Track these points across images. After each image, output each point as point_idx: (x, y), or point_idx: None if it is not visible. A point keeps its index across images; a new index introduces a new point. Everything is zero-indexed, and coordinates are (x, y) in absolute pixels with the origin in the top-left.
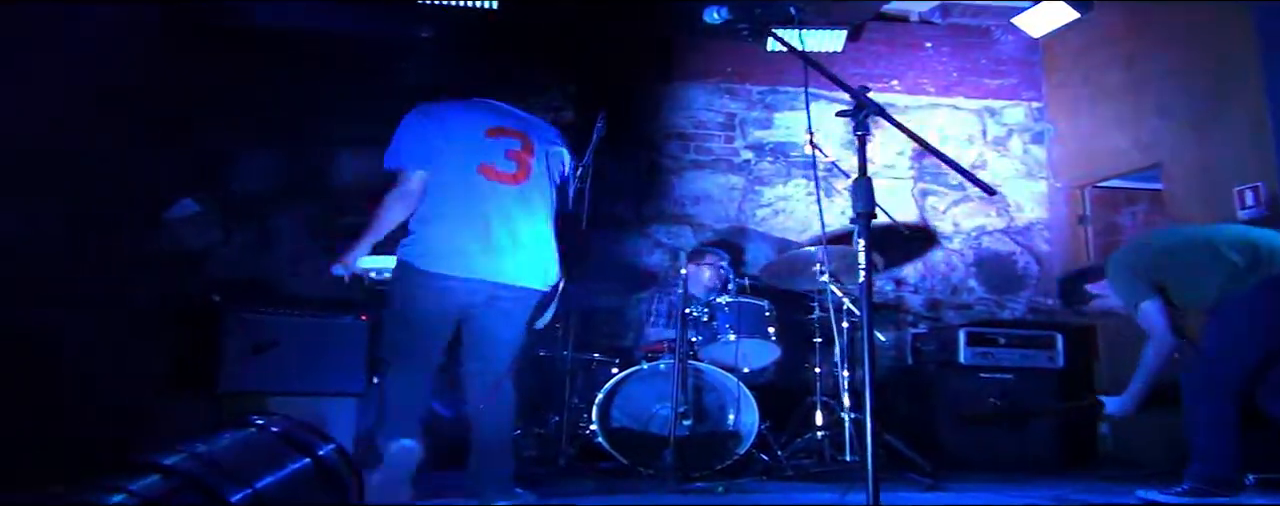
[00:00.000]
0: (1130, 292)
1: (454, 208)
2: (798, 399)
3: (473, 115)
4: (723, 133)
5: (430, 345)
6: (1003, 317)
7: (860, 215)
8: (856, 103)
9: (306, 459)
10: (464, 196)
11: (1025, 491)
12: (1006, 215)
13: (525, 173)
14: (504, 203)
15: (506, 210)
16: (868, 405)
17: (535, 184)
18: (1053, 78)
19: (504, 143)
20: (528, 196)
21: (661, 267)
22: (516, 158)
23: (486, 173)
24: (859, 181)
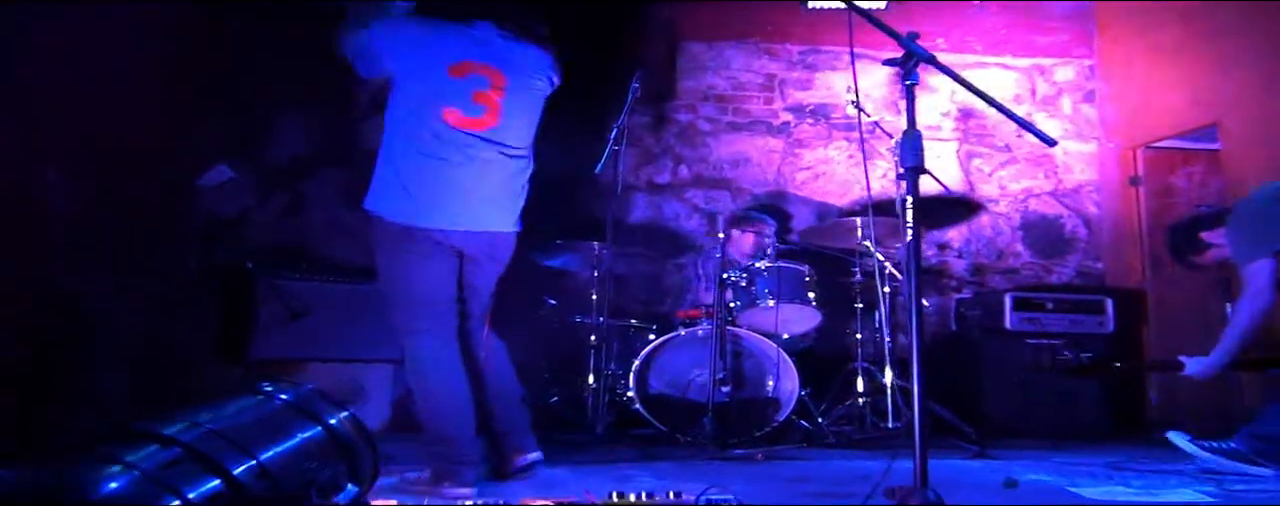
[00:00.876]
0: (1256, 244)
1: (419, 159)
2: (839, 365)
3: (439, 44)
4: (762, 94)
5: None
6: (1050, 282)
7: (908, 170)
8: (905, 51)
9: (317, 427)
10: (429, 147)
11: (1075, 456)
12: (1055, 177)
13: (496, 115)
14: (472, 151)
15: (475, 157)
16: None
17: (506, 125)
18: (1105, 34)
19: (471, 83)
20: (496, 137)
21: (699, 233)
22: (484, 100)
23: (451, 118)
24: (908, 134)
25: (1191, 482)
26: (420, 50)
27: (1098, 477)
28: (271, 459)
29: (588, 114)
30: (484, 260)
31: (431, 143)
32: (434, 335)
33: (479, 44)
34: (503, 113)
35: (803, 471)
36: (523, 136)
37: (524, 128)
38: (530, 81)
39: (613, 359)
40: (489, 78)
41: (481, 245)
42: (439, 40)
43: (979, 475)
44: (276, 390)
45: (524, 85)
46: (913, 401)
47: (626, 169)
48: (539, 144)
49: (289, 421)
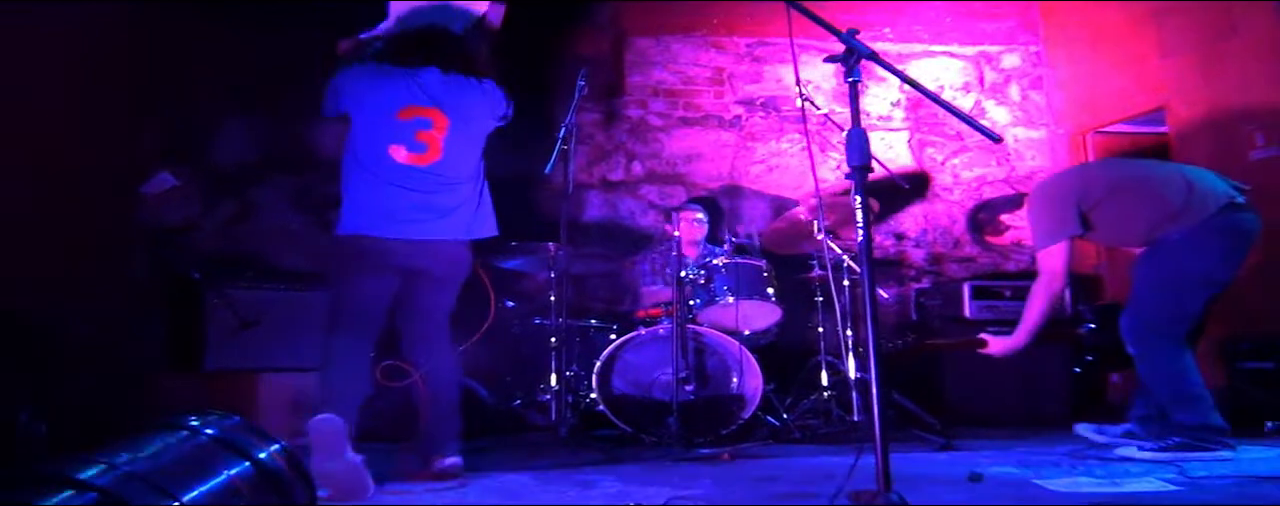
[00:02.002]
0: (1055, 225)
1: (371, 186)
2: (801, 359)
3: (389, 91)
4: (711, 87)
5: (371, 312)
6: (1007, 270)
7: (855, 169)
8: (847, 48)
9: (245, 462)
10: (378, 176)
11: (1038, 446)
12: (1007, 164)
13: (438, 151)
14: (418, 182)
15: (421, 189)
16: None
17: (448, 161)
18: (1050, 20)
19: (415, 124)
20: (439, 172)
21: (656, 229)
22: (427, 138)
23: (397, 155)
24: (853, 132)
25: (1153, 470)
26: (373, 96)
27: (1062, 468)
28: (194, 499)
29: (535, 113)
30: (434, 276)
31: (381, 174)
32: (350, 335)
33: (424, 89)
34: (444, 149)
35: (770, 470)
36: (465, 167)
37: (466, 160)
38: (472, 119)
39: (574, 360)
40: (431, 119)
41: (428, 256)
42: (390, 87)
43: (944, 469)
44: (202, 424)
45: (465, 123)
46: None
47: (579, 167)
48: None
49: (215, 458)
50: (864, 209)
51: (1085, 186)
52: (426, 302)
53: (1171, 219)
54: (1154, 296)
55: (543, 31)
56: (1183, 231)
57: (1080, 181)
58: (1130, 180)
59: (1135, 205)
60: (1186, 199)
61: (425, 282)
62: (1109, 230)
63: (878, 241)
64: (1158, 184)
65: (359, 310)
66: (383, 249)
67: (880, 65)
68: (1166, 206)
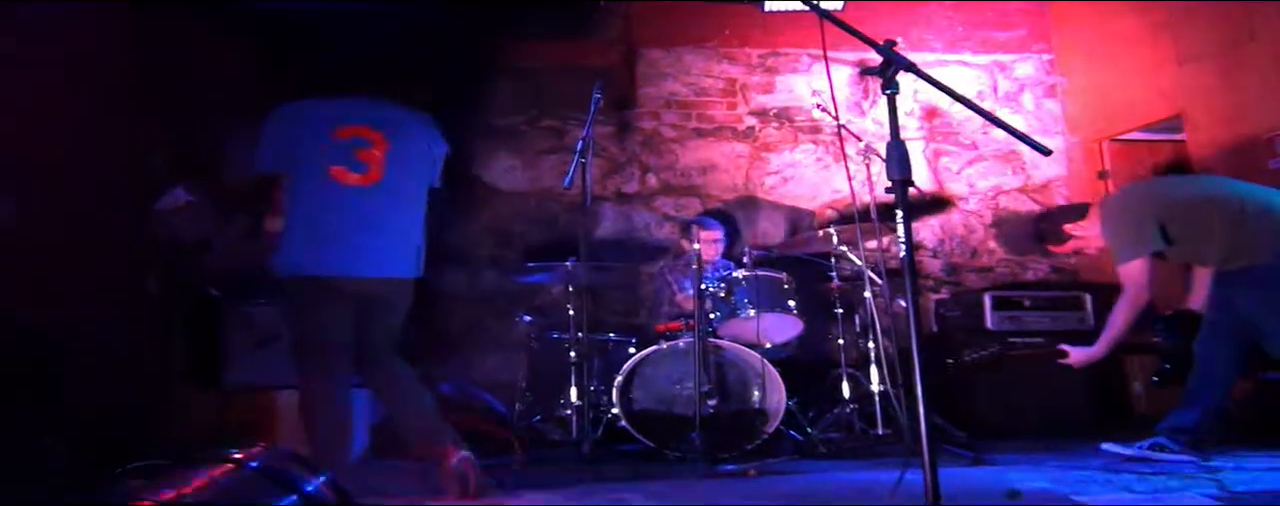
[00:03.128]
0: (1132, 239)
1: (312, 212)
2: (823, 371)
3: (327, 113)
4: (724, 99)
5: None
6: (1026, 279)
7: (897, 183)
8: (884, 60)
9: (292, 496)
10: (320, 201)
11: (1069, 459)
12: (1023, 173)
13: (380, 170)
14: (358, 203)
15: (361, 210)
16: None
17: (391, 180)
18: (1063, 28)
19: (354, 142)
20: (384, 192)
21: (672, 242)
22: (367, 157)
23: (338, 175)
24: (893, 145)
25: (1192, 484)
26: (308, 121)
27: (1098, 482)
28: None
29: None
30: (379, 309)
31: (323, 200)
32: (325, 377)
33: (359, 109)
34: (386, 168)
35: (799, 487)
36: (410, 190)
37: (411, 183)
38: (411, 143)
39: (594, 374)
40: (370, 138)
41: (375, 290)
42: (325, 109)
43: (978, 484)
44: (246, 457)
45: (406, 145)
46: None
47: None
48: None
49: (262, 491)
50: (906, 223)
51: (1160, 201)
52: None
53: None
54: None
55: (554, 44)
56: None
57: (1153, 196)
58: (1211, 199)
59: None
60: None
61: (375, 307)
62: (1185, 248)
63: (893, 251)
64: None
65: (327, 343)
66: (329, 285)
67: (921, 77)
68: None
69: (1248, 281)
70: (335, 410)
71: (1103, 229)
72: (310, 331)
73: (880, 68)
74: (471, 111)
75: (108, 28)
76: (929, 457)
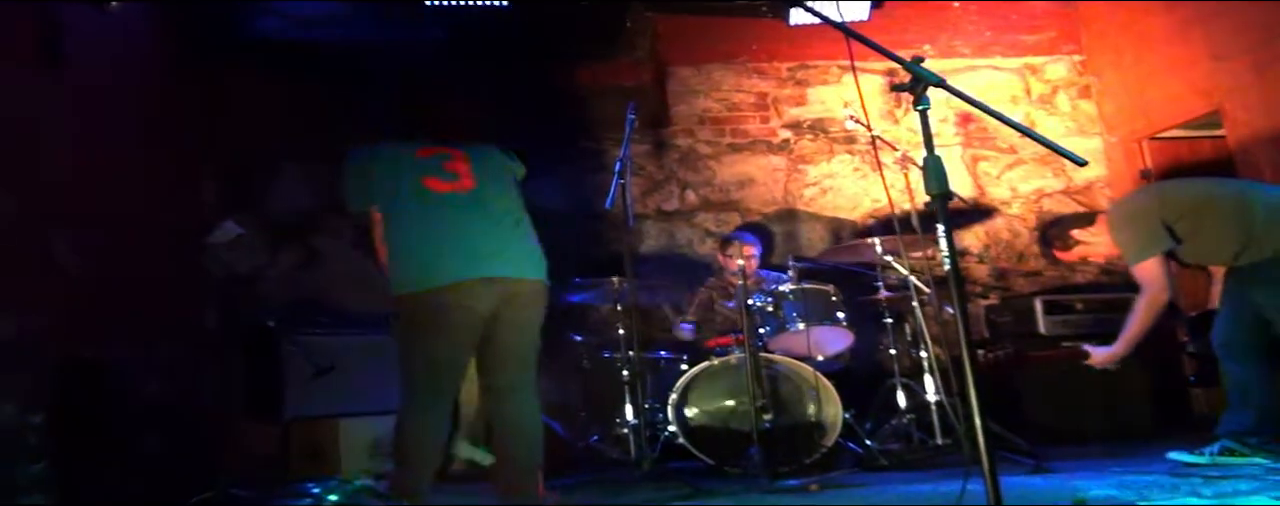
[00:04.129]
0: (1145, 241)
1: (418, 226)
2: (876, 382)
3: (405, 144)
4: (757, 113)
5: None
6: (1075, 282)
7: (936, 197)
8: (913, 76)
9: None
10: (422, 214)
11: (1132, 464)
12: (1064, 176)
13: (470, 179)
14: (462, 209)
15: (468, 214)
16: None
17: (485, 188)
18: (1092, 28)
19: (438, 158)
20: (482, 199)
21: (713, 257)
22: (455, 168)
23: (433, 185)
24: (929, 159)
25: (1263, 488)
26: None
27: (1165, 488)
28: None
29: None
30: (508, 322)
31: (421, 212)
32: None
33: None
34: (475, 177)
35: (863, 500)
36: (503, 201)
37: (501, 193)
38: (492, 158)
39: (647, 392)
40: (451, 154)
41: (501, 296)
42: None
43: (1043, 493)
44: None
45: (486, 160)
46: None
47: (633, 198)
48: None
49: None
50: (948, 237)
51: (1164, 203)
52: (506, 347)
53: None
54: None
55: (584, 67)
56: None
57: (1157, 198)
58: (1214, 199)
59: (1222, 224)
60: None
61: (504, 325)
62: (1194, 248)
63: (937, 258)
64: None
65: (436, 377)
66: (454, 298)
67: (951, 92)
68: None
69: (1259, 277)
70: (431, 443)
71: (1112, 234)
72: (423, 354)
73: (909, 84)
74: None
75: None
76: (989, 466)
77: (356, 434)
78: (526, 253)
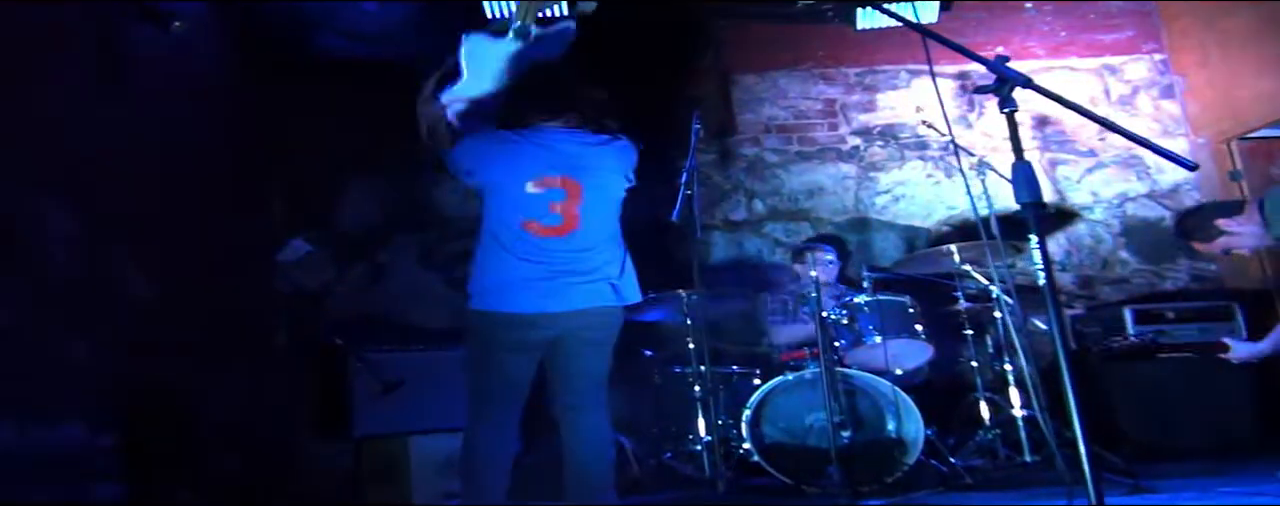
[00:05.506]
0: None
1: (507, 258)
2: (957, 396)
3: (520, 159)
4: (825, 120)
5: (516, 391)
6: (1166, 290)
7: (1027, 206)
8: (998, 77)
9: None
10: (514, 249)
11: (1241, 482)
12: (1148, 178)
13: (572, 222)
14: (556, 253)
15: (560, 256)
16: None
17: (585, 227)
18: (1173, 26)
19: (547, 195)
20: (577, 240)
21: (784, 268)
22: (561, 210)
23: (532, 229)
24: (1018, 165)
25: None
26: (502, 169)
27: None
28: None
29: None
30: (584, 339)
31: (516, 249)
32: (494, 426)
33: (555, 154)
34: (580, 219)
35: None
36: (602, 232)
37: (603, 226)
38: (607, 182)
39: (721, 408)
40: (565, 189)
41: (573, 326)
42: (517, 158)
43: None
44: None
45: (600, 188)
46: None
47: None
48: None
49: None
50: (1042, 247)
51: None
52: (577, 367)
53: None
54: None
55: (648, 77)
56: None
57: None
58: None
59: None
60: None
61: (575, 346)
62: None
63: (1021, 267)
64: None
65: (503, 391)
66: (523, 323)
67: (1039, 92)
68: None
69: None
70: (497, 459)
71: (1276, 225)
72: (491, 374)
73: (994, 85)
74: None
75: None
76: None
77: (427, 451)
78: (609, 280)
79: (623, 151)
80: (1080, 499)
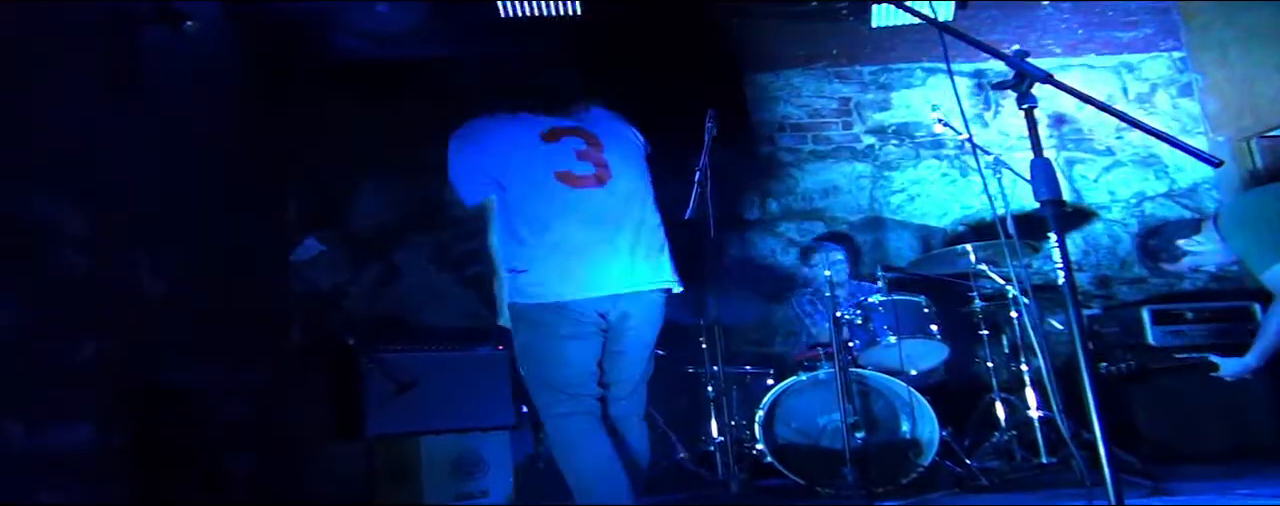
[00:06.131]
0: (1272, 242)
1: (544, 228)
2: (973, 397)
3: (520, 125)
4: (839, 119)
5: (587, 377)
6: (1184, 290)
7: (1046, 203)
8: (1016, 72)
9: None
10: (549, 213)
11: (1262, 485)
12: (1167, 178)
13: (607, 170)
14: (596, 208)
15: (602, 215)
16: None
17: (621, 178)
18: (1192, 23)
19: (568, 144)
20: (619, 193)
21: (798, 268)
22: (589, 157)
23: (566, 179)
24: (1038, 164)
25: None
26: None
27: None
28: None
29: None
30: (627, 324)
31: (549, 211)
32: (577, 417)
33: (555, 116)
34: (611, 167)
35: None
36: (639, 193)
37: (638, 182)
38: (624, 136)
39: (734, 409)
40: (583, 138)
41: (623, 308)
42: (516, 125)
43: None
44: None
45: (622, 140)
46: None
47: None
48: None
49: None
50: (1062, 245)
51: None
52: (620, 350)
53: None
54: None
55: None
56: None
57: None
58: None
59: None
60: None
61: (619, 333)
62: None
63: (1036, 267)
64: None
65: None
66: (572, 313)
67: (1059, 87)
68: None
69: None
70: (601, 445)
71: (1233, 240)
72: (554, 364)
73: (1013, 81)
74: None
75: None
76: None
77: (439, 451)
78: (655, 258)
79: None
80: (1100, 500)
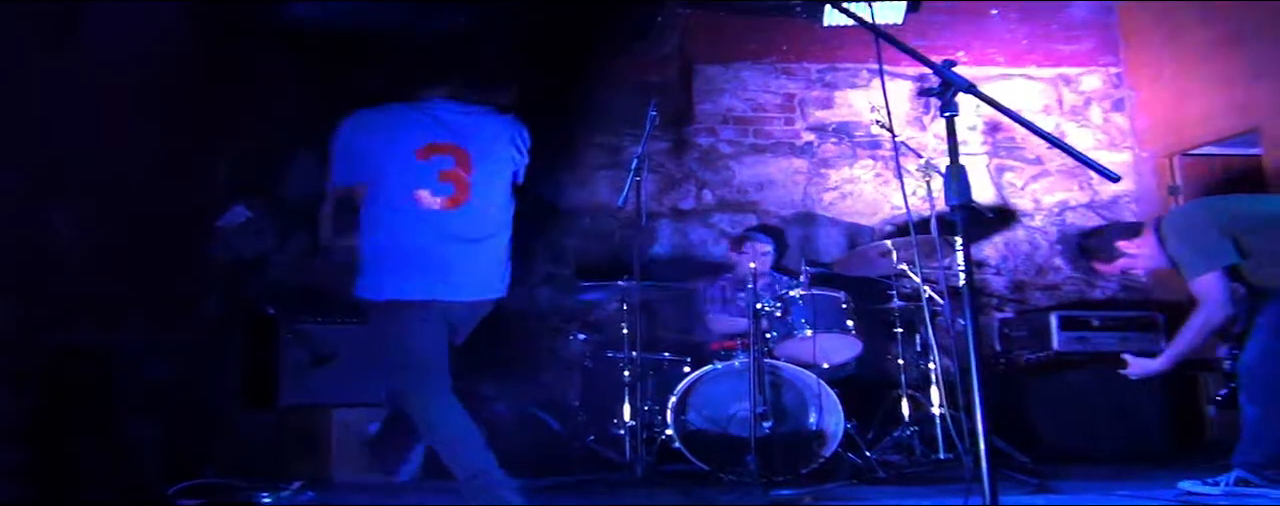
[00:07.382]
0: (1206, 253)
1: (394, 238)
2: (881, 392)
3: (406, 131)
4: (782, 114)
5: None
6: (1094, 298)
7: (956, 208)
8: (943, 81)
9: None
10: (401, 227)
11: (1141, 487)
12: (1090, 189)
13: (464, 192)
14: (444, 228)
15: (448, 234)
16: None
17: (477, 201)
18: (1131, 41)
19: (436, 163)
20: (470, 215)
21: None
22: (452, 178)
23: (421, 199)
24: (952, 168)
25: None
26: (388, 143)
27: None
28: None
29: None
30: (463, 327)
31: (407, 224)
32: (436, 395)
33: (441, 125)
34: (472, 188)
35: None
36: (496, 210)
37: (491, 203)
38: (497, 153)
39: (649, 394)
40: (454, 156)
41: (464, 314)
42: (404, 128)
43: None
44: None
45: (490, 158)
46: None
47: (649, 196)
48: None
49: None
50: (966, 249)
51: (1232, 216)
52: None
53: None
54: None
55: (609, 60)
56: None
57: (1223, 210)
58: None
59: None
60: None
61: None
62: (1263, 266)
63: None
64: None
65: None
66: (416, 312)
67: (982, 99)
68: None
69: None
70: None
71: (1170, 245)
72: (414, 350)
73: (938, 89)
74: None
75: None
76: (991, 486)
77: (350, 424)
78: (494, 272)
79: (510, 123)
80: (976, 497)
